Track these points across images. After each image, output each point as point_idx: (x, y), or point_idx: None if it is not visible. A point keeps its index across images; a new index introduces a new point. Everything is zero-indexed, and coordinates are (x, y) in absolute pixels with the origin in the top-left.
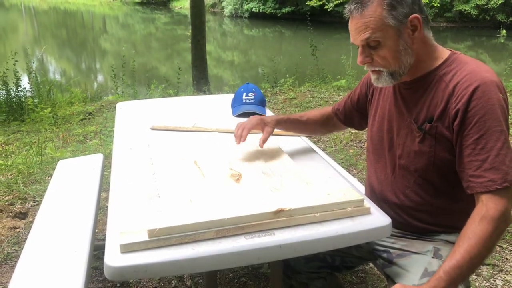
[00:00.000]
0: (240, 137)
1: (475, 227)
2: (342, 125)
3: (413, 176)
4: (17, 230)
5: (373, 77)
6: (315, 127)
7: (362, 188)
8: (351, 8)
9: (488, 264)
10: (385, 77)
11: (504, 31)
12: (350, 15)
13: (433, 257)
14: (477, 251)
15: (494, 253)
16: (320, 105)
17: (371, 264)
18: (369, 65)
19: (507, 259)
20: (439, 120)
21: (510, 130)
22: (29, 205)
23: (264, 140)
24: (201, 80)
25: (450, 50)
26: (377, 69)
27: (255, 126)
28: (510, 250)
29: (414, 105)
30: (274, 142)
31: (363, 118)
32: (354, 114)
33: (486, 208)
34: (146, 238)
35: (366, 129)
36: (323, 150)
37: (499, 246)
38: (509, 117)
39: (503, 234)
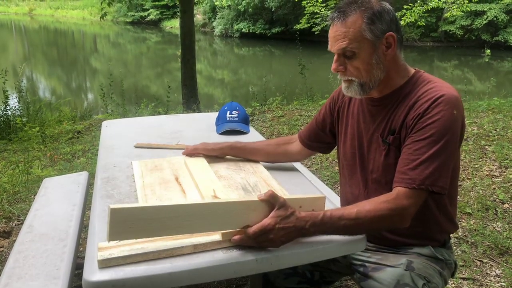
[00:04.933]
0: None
1: (375, 202)
2: (305, 151)
3: (385, 189)
4: (0, 249)
5: (344, 85)
6: (268, 149)
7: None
8: (334, 16)
9: (468, 279)
10: (355, 87)
11: (489, 50)
12: (332, 22)
13: (405, 270)
14: (362, 218)
15: (474, 268)
16: (307, 123)
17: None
18: (342, 74)
19: (487, 273)
20: (401, 131)
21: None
22: (13, 224)
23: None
24: (190, 98)
25: (415, 69)
26: (349, 78)
27: (210, 151)
28: (491, 265)
29: (381, 121)
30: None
31: (328, 139)
32: (319, 136)
33: (394, 197)
34: (124, 254)
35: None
36: (309, 167)
37: (480, 260)
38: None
39: (390, 226)
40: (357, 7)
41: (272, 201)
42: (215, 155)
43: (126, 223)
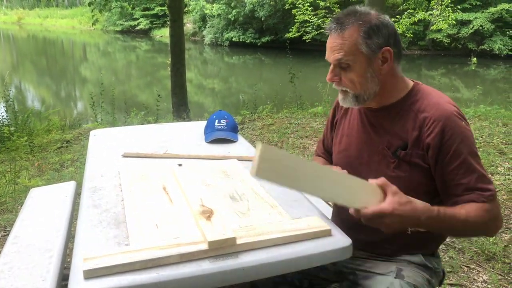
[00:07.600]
0: None
1: (478, 209)
2: None
3: None
4: None
5: (340, 96)
6: None
7: (329, 210)
8: (332, 27)
9: (456, 285)
10: (350, 98)
11: (475, 58)
12: (329, 32)
13: (395, 277)
14: (470, 222)
15: (462, 274)
16: (297, 131)
17: None
18: (337, 84)
19: (474, 279)
20: (413, 147)
21: None
22: (0, 235)
23: None
24: (180, 107)
25: (413, 81)
26: (344, 89)
27: None
28: (478, 271)
29: (385, 133)
30: (241, 167)
31: None
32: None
33: (489, 208)
34: (110, 264)
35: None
36: None
37: (467, 266)
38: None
39: (485, 234)
40: (355, 20)
41: (385, 187)
42: None
43: (272, 162)
